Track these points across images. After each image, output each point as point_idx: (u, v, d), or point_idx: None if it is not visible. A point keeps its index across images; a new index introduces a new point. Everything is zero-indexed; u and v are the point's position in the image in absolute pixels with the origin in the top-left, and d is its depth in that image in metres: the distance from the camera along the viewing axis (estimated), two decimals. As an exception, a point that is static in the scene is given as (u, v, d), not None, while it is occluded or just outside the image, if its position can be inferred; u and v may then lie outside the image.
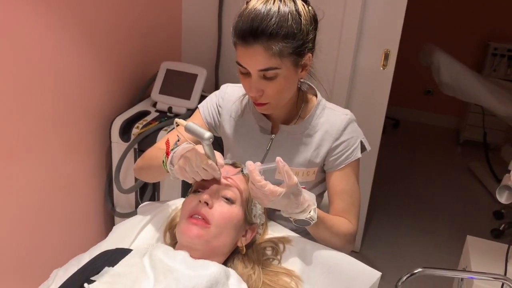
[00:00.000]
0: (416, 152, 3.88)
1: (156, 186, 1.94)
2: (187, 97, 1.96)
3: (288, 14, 0.96)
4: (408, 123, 4.40)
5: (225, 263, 0.99)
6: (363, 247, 2.51)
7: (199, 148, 0.93)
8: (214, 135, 1.25)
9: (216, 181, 0.99)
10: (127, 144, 1.88)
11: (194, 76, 1.98)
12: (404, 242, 2.61)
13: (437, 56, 2.93)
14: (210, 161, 0.91)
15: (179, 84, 1.99)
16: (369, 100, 2.17)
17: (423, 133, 4.29)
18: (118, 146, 1.92)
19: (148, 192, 1.94)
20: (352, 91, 2.19)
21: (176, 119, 0.92)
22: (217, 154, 0.94)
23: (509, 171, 1.53)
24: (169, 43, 2.34)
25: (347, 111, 1.17)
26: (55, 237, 1.76)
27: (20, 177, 1.53)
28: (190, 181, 0.99)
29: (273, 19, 0.95)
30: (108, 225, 2.10)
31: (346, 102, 2.17)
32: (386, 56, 2.08)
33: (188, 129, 0.91)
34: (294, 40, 0.98)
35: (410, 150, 3.90)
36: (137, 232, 1.10)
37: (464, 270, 1.31)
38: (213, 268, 0.89)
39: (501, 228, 2.65)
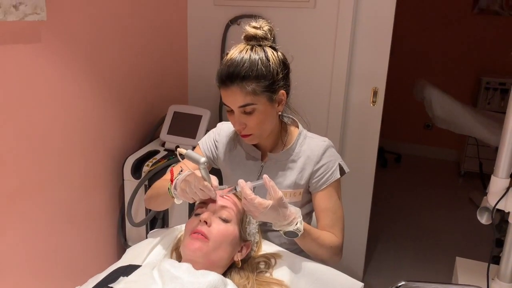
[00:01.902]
0: (418, 184, 3.98)
1: (165, 220, 2.09)
2: (193, 136, 2.13)
3: (258, 60, 1.16)
4: (409, 157, 4.52)
5: (223, 275, 1.12)
6: (365, 277, 2.59)
7: (197, 172, 1.10)
8: (212, 167, 1.42)
9: (213, 202, 1.14)
10: (138, 181, 2.04)
11: (199, 117, 2.16)
12: (407, 271, 2.69)
13: (428, 91, 3.10)
14: (206, 183, 1.08)
15: (186, 125, 2.17)
16: (362, 134, 2.34)
17: (425, 166, 4.39)
18: (130, 184, 2.07)
19: (157, 226, 2.09)
20: (345, 126, 2.35)
21: (178, 149, 1.10)
22: (212, 178, 1.10)
23: (486, 194, 1.65)
24: (177, 88, 2.56)
25: (325, 139, 1.34)
26: (69, 270, 1.88)
27: (42, 211, 1.69)
28: (190, 201, 1.14)
29: (245, 65, 1.15)
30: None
31: (341, 136, 2.33)
32: (375, 93, 2.26)
33: (187, 156, 1.09)
34: (265, 80, 1.17)
35: (412, 183, 4.00)
36: (148, 252, 1.24)
37: (446, 283, 1.41)
38: (212, 276, 1.03)
39: (500, 255, 2.71)
